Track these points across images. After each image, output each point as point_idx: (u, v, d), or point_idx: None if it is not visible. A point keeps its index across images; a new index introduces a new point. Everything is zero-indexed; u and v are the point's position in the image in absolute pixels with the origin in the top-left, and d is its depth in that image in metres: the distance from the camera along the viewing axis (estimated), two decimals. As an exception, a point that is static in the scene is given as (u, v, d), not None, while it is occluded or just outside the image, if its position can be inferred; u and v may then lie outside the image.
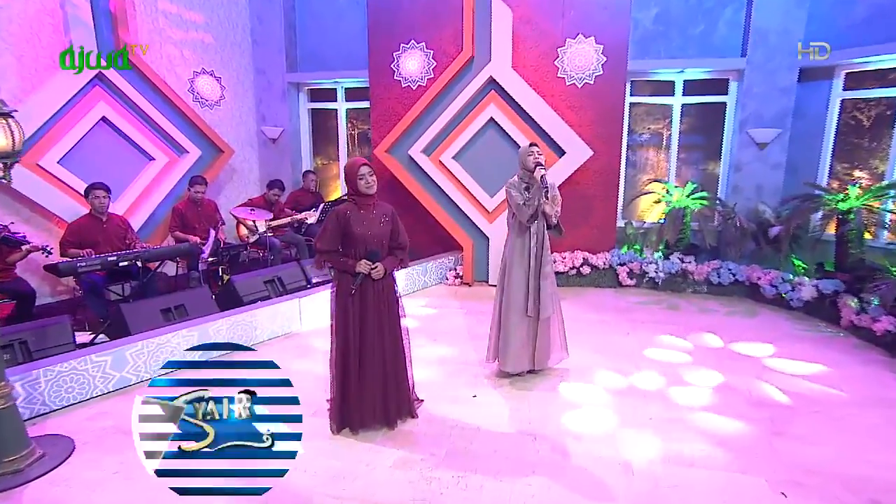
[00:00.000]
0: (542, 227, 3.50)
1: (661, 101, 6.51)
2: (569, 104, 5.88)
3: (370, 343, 2.91)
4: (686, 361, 3.99)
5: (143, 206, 5.67)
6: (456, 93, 5.83)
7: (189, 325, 3.97)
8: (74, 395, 3.35)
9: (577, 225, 6.12)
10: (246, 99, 7.15)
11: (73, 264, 3.96)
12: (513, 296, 3.54)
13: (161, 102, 5.76)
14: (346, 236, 2.85)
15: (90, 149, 5.25)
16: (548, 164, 5.61)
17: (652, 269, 5.78)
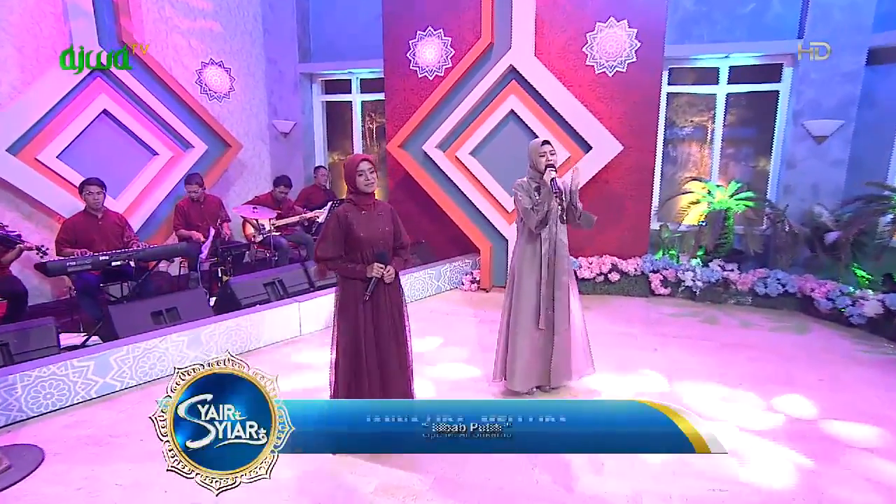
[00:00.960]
0: (555, 231, 3.30)
1: (703, 90, 6.17)
2: (598, 95, 5.63)
3: (387, 355, 2.85)
4: (719, 385, 3.70)
5: (146, 203, 5.74)
6: (474, 83, 5.66)
7: (180, 330, 3.94)
8: (53, 402, 3.35)
9: (606, 227, 5.87)
10: (257, 91, 7.18)
11: (61, 263, 3.99)
12: (522, 307, 3.35)
13: (165, 95, 5.82)
14: (349, 240, 2.77)
15: (91, 143, 5.33)
16: (573, 160, 5.42)
17: (688, 277, 5.47)
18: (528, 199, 3.24)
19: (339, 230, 2.76)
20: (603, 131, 5.37)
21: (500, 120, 5.64)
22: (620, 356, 4.16)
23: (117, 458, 2.86)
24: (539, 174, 3.22)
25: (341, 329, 2.83)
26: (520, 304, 3.36)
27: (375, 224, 2.80)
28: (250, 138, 7.13)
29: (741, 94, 6.14)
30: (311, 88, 7.46)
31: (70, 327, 4.62)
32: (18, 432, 3.12)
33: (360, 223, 2.76)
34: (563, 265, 3.35)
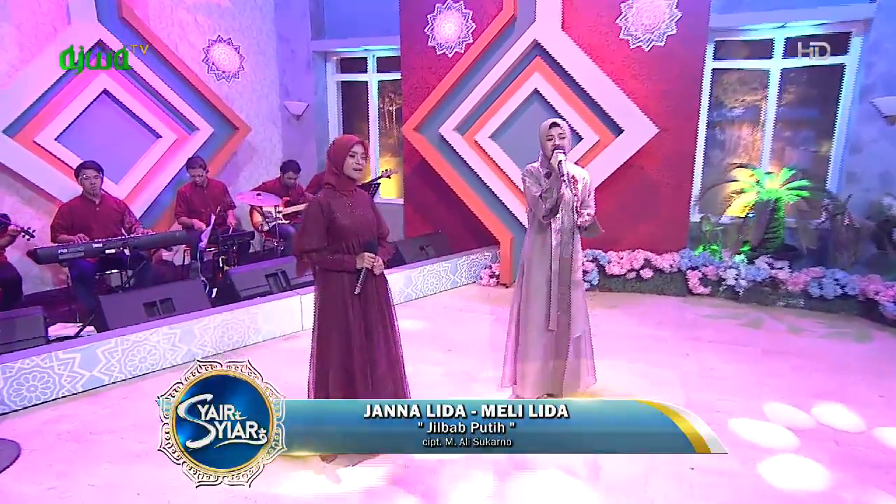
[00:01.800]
0: (567, 222, 3.16)
1: (754, 65, 5.84)
2: (632, 72, 5.40)
3: (378, 353, 2.80)
4: (754, 397, 3.49)
5: (149, 188, 5.82)
6: (494, 60, 5.51)
7: (172, 322, 3.96)
8: (37, 395, 3.40)
9: (639, 219, 5.68)
10: (267, 70, 7.18)
11: (53, 250, 4.06)
12: (531, 306, 3.23)
13: (169, 74, 5.86)
14: (332, 230, 2.68)
15: (91, 125, 5.42)
16: (602, 144, 5.22)
17: (731, 275, 5.20)
18: (536, 187, 3.10)
19: (321, 219, 2.66)
20: (636, 112, 5.14)
21: (522, 100, 5.48)
22: (645, 361, 4.01)
23: (95, 457, 2.88)
24: (548, 159, 3.07)
25: (324, 329, 2.75)
26: (528, 303, 3.24)
27: (359, 211, 2.72)
28: (260, 121, 7.15)
29: (799, 70, 5.78)
30: (325, 67, 7.41)
31: (68, 317, 4.71)
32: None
33: (343, 211, 2.68)
34: (577, 261, 3.21)
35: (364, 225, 2.72)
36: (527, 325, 3.25)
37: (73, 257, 4.16)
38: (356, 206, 2.73)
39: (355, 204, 2.73)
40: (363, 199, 2.81)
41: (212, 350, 4.11)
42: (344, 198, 2.71)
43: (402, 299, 5.35)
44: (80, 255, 4.19)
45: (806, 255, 5.28)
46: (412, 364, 3.95)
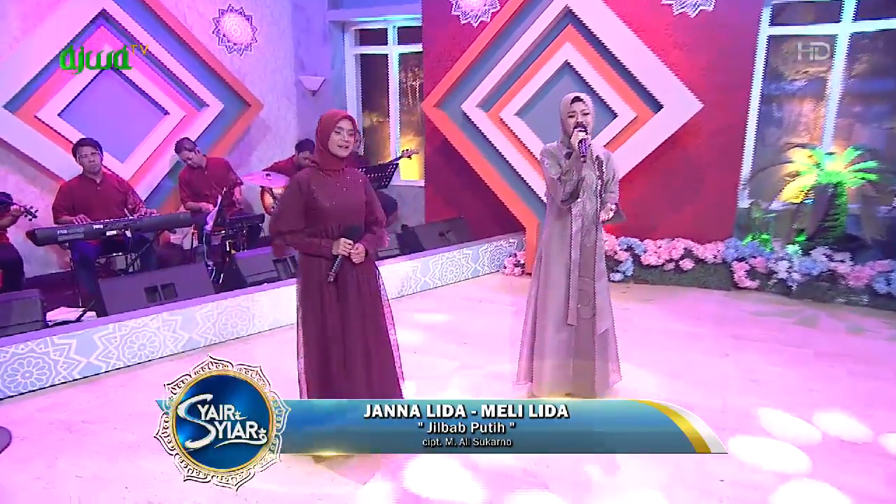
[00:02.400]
0: (589, 207, 3.06)
1: (819, 30, 5.53)
2: (675, 41, 5.20)
3: (354, 348, 2.76)
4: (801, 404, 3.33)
5: (155, 168, 5.91)
6: (522, 30, 5.39)
7: (172, 308, 4.02)
8: (32, 382, 3.49)
9: (681, 204, 5.51)
10: (282, 42, 7.18)
11: (52, 232, 4.16)
12: (549, 298, 3.16)
13: (176, 46, 5.91)
14: (311, 211, 2.65)
15: (95, 100, 5.52)
16: (640, 121, 5.06)
17: (782, 267, 5.00)
18: (555, 168, 3.01)
19: (299, 199, 2.63)
20: (678, 86, 4.95)
21: (552, 73, 5.34)
22: (679, 361, 3.89)
23: (85, 447, 2.93)
24: (569, 137, 2.97)
25: (305, 315, 2.74)
26: (546, 295, 3.17)
27: (343, 193, 2.66)
28: (274, 97, 7.17)
29: (873, 35, 5.45)
30: (342, 39, 7.38)
31: (71, 301, 4.84)
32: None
33: (325, 191, 2.62)
34: (601, 249, 3.12)
35: (349, 208, 2.67)
36: (543, 320, 3.18)
37: (72, 239, 4.25)
38: (342, 188, 2.67)
39: (342, 185, 2.68)
40: (354, 180, 2.76)
41: (214, 339, 4.16)
42: (328, 178, 2.66)
43: (418, 288, 5.32)
44: (80, 237, 4.27)
45: (872, 247, 5.03)
46: (424, 357, 3.99)
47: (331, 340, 2.72)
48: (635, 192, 5.63)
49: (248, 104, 6.52)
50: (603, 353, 3.23)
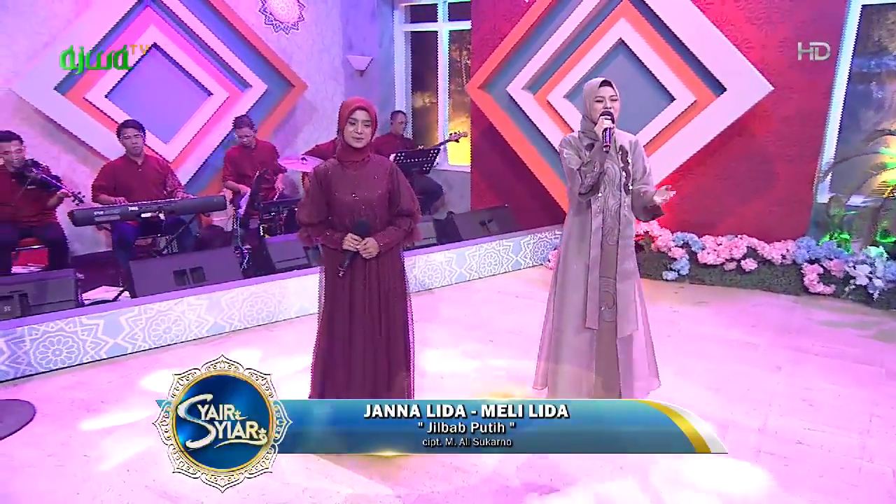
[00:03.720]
0: (612, 202, 2.93)
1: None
2: (747, 14, 4.89)
3: (360, 341, 2.81)
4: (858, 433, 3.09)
5: (199, 149, 6.17)
6: (573, 5, 5.21)
7: (198, 293, 4.20)
8: (63, 359, 3.75)
9: (746, 198, 5.24)
10: (329, 20, 7.28)
11: (89, 212, 4.42)
12: (568, 299, 3.07)
13: (221, 26, 6.13)
14: (331, 204, 2.72)
15: (141, 81, 5.83)
16: (700, 105, 4.83)
17: (862, 272, 4.65)
18: (575, 159, 2.90)
19: (319, 191, 2.70)
20: (744, 66, 4.66)
21: (604, 53, 5.17)
22: (724, 372, 3.71)
23: (99, 427, 3.13)
24: (593, 124, 2.85)
25: (323, 310, 2.82)
26: (565, 296, 3.08)
27: (360, 185, 2.69)
28: (321, 77, 7.31)
29: None
30: (391, 16, 7.39)
31: (115, 280, 5.15)
32: (23, 387, 3.55)
33: (344, 184, 2.67)
34: (626, 247, 2.99)
35: (361, 201, 2.69)
36: (560, 322, 3.10)
37: (108, 220, 4.51)
38: (360, 179, 2.70)
39: (361, 177, 2.70)
40: (378, 170, 2.76)
41: (239, 324, 4.32)
42: (348, 169, 2.70)
43: (453, 280, 5.32)
44: (116, 219, 4.53)
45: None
46: (445, 354, 3.99)
47: (336, 336, 2.78)
48: (694, 184, 5.39)
49: (292, 85, 6.68)
50: (628, 360, 3.11)
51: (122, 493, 2.60)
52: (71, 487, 2.65)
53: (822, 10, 4.72)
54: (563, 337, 3.10)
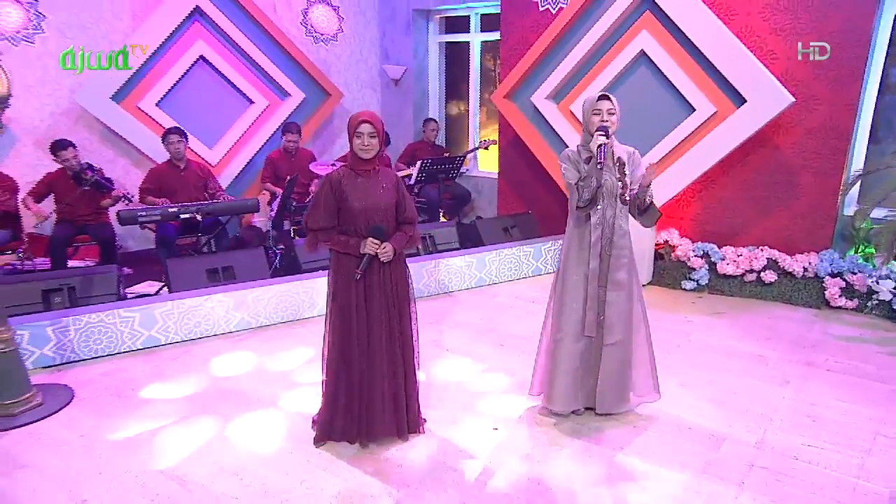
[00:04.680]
0: (609, 214, 2.93)
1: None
2: (772, 25, 4.77)
3: (378, 341, 2.88)
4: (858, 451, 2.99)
5: (241, 154, 6.42)
6: (597, 17, 5.18)
7: (227, 290, 4.38)
8: (103, 348, 3.99)
9: (769, 209, 5.11)
10: (367, 32, 7.43)
11: (133, 213, 4.67)
12: (566, 307, 3.09)
13: (263, 39, 6.35)
14: (343, 210, 2.80)
15: (188, 91, 6.10)
16: (720, 116, 4.74)
17: (886, 286, 4.47)
18: (573, 173, 2.92)
19: (331, 198, 2.77)
20: (765, 78, 4.53)
21: (627, 64, 5.11)
22: (730, 384, 3.63)
23: (128, 413, 3.32)
24: (591, 137, 2.86)
25: (332, 313, 2.88)
26: (563, 304, 3.11)
27: (372, 193, 2.77)
28: (358, 86, 7.47)
29: None
30: (426, 28, 7.49)
31: (159, 276, 5.41)
32: (66, 373, 3.79)
33: (356, 191, 2.75)
34: (619, 259, 2.98)
35: (376, 208, 2.77)
36: (559, 331, 3.12)
37: (150, 220, 4.75)
38: (372, 188, 2.78)
39: (372, 186, 2.78)
40: (386, 180, 2.84)
41: (265, 321, 4.49)
42: (359, 178, 2.78)
43: (472, 284, 5.36)
44: (157, 219, 4.77)
45: None
46: (455, 356, 4.04)
47: (354, 355, 2.85)
48: (716, 195, 5.29)
49: (328, 94, 6.84)
50: (616, 368, 3.11)
51: (138, 475, 2.76)
52: (95, 467, 2.83)
53: (847, 23, 4.54)
54: (561, 345, 3.12)
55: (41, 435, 3.13)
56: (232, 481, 2.72)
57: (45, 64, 5.72)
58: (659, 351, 4.06)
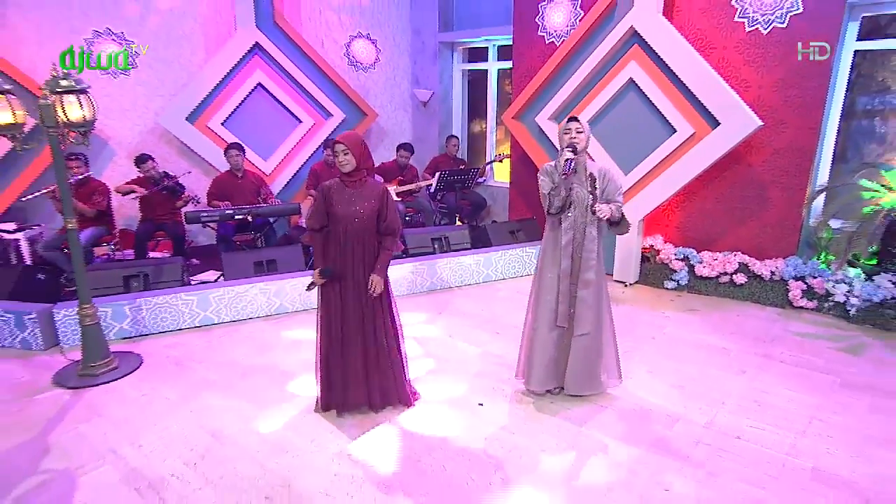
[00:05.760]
0: (580, 220, 3.00)
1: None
2: (746, 57, 4.69)
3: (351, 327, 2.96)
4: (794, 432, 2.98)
5: (290, 165, 6.64)
6: (591, 48, 5.17)
7: (267, 280, 4.60)
8: (168, 324, 4.27)
9: (742, 219, 5.04)
10: (401, 61, 7.57)
11: (197, 214, 4.94)
12: (542, 302, 3.17)
13: (311, 68, 6.54)
14: (329, 214, 2.88)
15: (248, 112, 6.34)
16: (698, 137, 4.71)
17: (841, 290, 4.36)
18: (548, 184, 3.00)
19: (322, 203, 2.87)
20: (734, 103, 4.47)
21: (617, 89, 5.08)
22: (691, 373, 3.63)
23: (182, 378, 3.56)
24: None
25: (320, 305, 2.99)
26: (539, 299, 3.18)
27: (355, 202, 2.84)
28: (392, 107, 7.62)
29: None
30: (451, 57, 7.58)
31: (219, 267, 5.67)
32: (139, 344, 4.08)
33: (341, 200, 2.84)
34: (588, 261, 3.04)
35: (353, 216, 2.83)
36: (536, 321, 3.20)
37: (210, 220, 5.02)
38: (355, 198, 2.84)
39: (356, 196, 2.85)
40: (371, 191, 2.88)
41: (300, 306, 4.68)
42: (347, 188, 2.86)
43: (480, 280, 5.45)
44: (216, 219, 5.03)
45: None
46: (454, 340, 4.14)
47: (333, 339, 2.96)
48: (696, 206, 5.24)
49: (365, 114, 7.01)
50: (585, 356, 3.17)
51: (183, 427, 2.98)
52: (149, 419, 3.07)
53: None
54: (538, 334, 3.19)
55: (114, 392, 3.40)
56: (256, 438, 2.91)
57: (137, 92, 6.09)
58: (635, 342, 4.14)
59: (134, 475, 2.60)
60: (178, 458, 2.71)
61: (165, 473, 2.60)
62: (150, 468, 2.65)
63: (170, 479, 2.57)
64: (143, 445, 2.83)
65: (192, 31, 6.17)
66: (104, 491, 2.51)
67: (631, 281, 5.36)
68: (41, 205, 5.45)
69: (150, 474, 2.60)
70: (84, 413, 3.16)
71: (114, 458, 2.74)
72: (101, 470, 2.65)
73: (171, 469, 2.64)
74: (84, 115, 3.17)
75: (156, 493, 2.47)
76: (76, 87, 3.13)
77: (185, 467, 2.65)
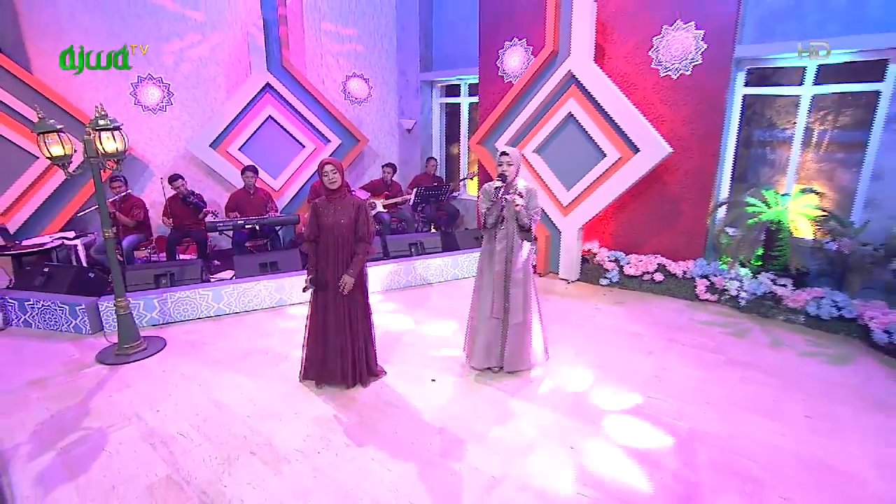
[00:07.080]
0: (511, 233, 3.19)
1: (785, 91, 4.83)
2: (661, 97, 4.90)
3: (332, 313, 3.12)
4: (680, 400, 3.18)
5: (295, 182, 6.81)
6: (538, 88, 5.37)
7: (269, 278, 4.76)
8: (189, 314, 4.44)
9: (661, 227, 5.22)
10: (389, 96, 7.76)
11: (214, 223, 5.11)
12: (482, 298, 3.36)
13: (313, 103, 6.72)
14: (318, 226, 3.04)
15: (260, 139, 6.51)
16: (623, 160, 4.92)
17: (733, 286, 4.57)
18: (485, 203, 3.18)
19: (313, 217, 3.05)
20: (650, 134, 4.68)
21: (560, 121, 5.28)
22: (608, 353, 3.80)
23: (196, 358, 3.73)
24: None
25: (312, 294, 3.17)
26: (479, 295, 3.36)
27: (336, 215, 3.01)
28: (382, 134, 7.79)
29: (839, 95, 4.65)
30: (431, 92, 7.77)
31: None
32: (164, 330, 4.24)
33: (326, 213, 3.02)
34: (517, 264, 3.23)
35: (334, 226, 3.00)
36: (477, 313, 3.38)
37: (226, 229, 5.19)
38: (336, 212, 3.02)
39: (337, 210, 3.02)
40: (349, 205, 3.04)
41: (297, 300, 4.84)
42: (331, 204, 3.04)
43: (449, 278, 5.61)
44: (230, 228, 5.20)
45: (826, 275, 4.40)
46: (422, 326, 4.27)
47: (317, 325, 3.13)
48: (626, 216, 5.44)
49: (357, 140, 7.19)
50: (518, 340, 3.33)
51: (195, 401, 3.14)
52: (166, 390, 3.24)
53: (708, 97, 4.66)
54: (478, 322, 3.38)
55: (142, 368, 3.57)
56: (248, 405, 3.08)
57: (172, 125, 6.25)
58: (569, 328, 4.25)
59: (151, 433, 2.79)
60: (185, 421, 2.90)
61: (175, 433, 2.79)
62: (163, 428, 2.83)
63: (178, 436, 2.75)
64: (160, 410, 3.01)
65: (216, 74, 6.34)
66: (127, 444, 2.69)
67: (573, 279, 5.55)
68: (94, 217, 5.63)
69: (163, 433, 2.79)
70: (117, 385, 3.33)
71: (137, 420, 2.92)
72: (126, 429, 2.83)
73: (180, 429, 2.82)
74: (117, 146, 3.35)
75: (166, 448, 2.66)
76: (110, 126, 3.31)
77: (190, 428, 2.83)
